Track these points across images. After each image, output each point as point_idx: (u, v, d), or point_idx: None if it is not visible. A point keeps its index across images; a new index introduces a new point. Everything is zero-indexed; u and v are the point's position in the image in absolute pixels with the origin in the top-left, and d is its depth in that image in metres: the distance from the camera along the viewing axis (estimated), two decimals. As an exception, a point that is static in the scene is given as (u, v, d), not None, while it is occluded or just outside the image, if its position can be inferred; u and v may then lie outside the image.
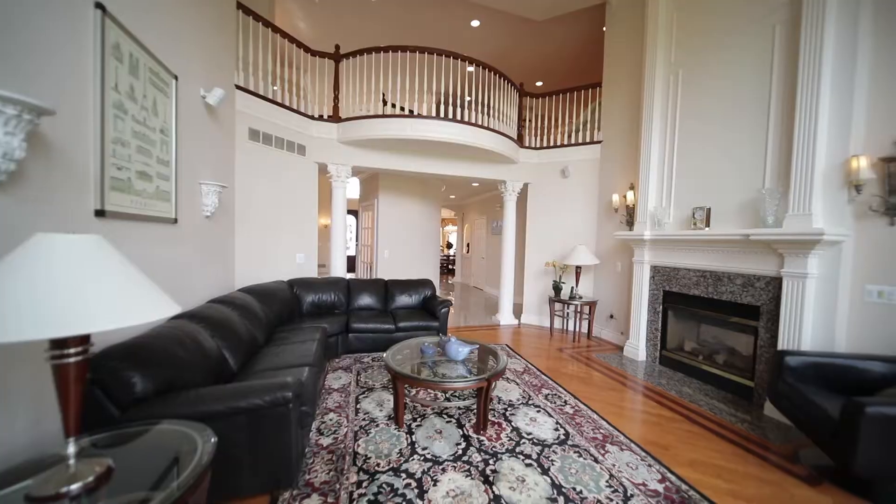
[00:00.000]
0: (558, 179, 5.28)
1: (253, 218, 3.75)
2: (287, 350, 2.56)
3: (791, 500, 1.79)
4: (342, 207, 4.57)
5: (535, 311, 5.54)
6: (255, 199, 3.76)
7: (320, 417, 2.42)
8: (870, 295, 2.35)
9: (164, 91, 2.24)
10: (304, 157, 4.25)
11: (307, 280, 4.03)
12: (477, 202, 9.88)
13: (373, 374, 3.23)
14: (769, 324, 2.73)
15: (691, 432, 2.43)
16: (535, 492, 1.76)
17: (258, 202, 3.80)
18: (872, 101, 2.37)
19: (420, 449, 2.08)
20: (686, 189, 3.50)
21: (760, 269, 2.79)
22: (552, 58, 6.53)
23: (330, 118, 4.41)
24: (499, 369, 2.34)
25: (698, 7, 3.41)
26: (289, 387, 1.58)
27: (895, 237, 2.25)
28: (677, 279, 3.53)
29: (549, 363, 3.75)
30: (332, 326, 3.48)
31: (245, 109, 3.60)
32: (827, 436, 1.83)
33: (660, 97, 3.74)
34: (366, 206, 7.15)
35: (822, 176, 2.42)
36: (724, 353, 3.29)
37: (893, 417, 1.64)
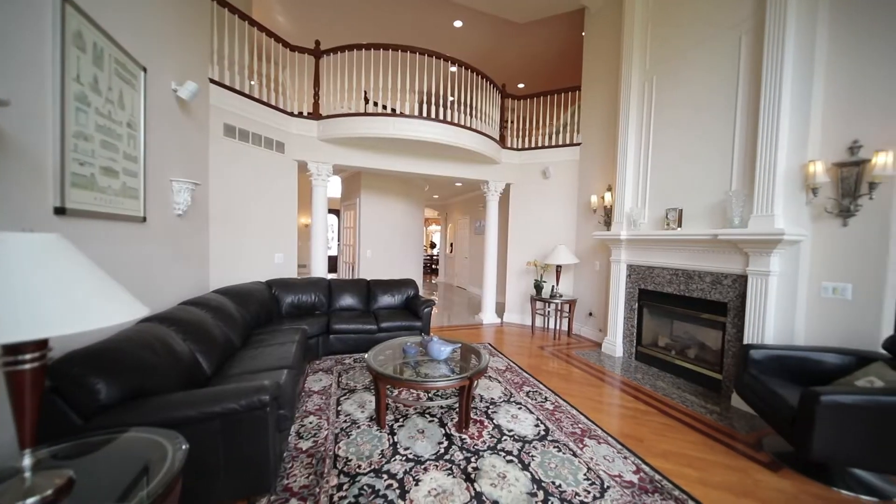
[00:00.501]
0: (539, 180, 5.37)
1: (229, 217, 3.63)
2: (265, 352, 2.49)
3: (755, 486, 1.89)
4: (323, 206, 4.49)
5: (518, 309, 5.61)
6: (231, 198, 3.64)
7: (300, 421, 2.37)
8: (825, 291, 2.52)
9: (132, 83, 2.14)
10: (282, 154, 4.15)
11: (286, 280, 3.93)
12: (460, 202, 9.92)
13: (354, 375, 3.19)
14: (736, 319, 2.88)
15: (664, 424, 2.53)
16: (515, 487, 1.79)
17: (234, 200, 3.68)
18: (827, 109, 2.54)
19: (402, 449, 2.07)
20: (660, 191, 3.64)
21: (728, 268, 2.94)
22: (534, 60, 6.64)
23: (310, 115, 4.33)
24: (480, 368, 2.36)
25: (670, 16, 3.55)
26: (266, 390, 1.54)
27: (847, 237, 2.42)
28: (652, 277, 3.66)
29: (530, 361, 3.81)
30: (312, 328, 3.41)
31: (220, 104, 3.48)
32: (787, 423, 1.95)
33: (635, 102, 3.87)
34: (347, 206, 7.05)
35: (783, 179, 2.57)
36: (695, 348, 3.43)
37: (845, 405, 1.76)
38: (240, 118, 3.67)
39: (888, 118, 2.27)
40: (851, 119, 2.42)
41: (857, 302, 2.38)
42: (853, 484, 1.89)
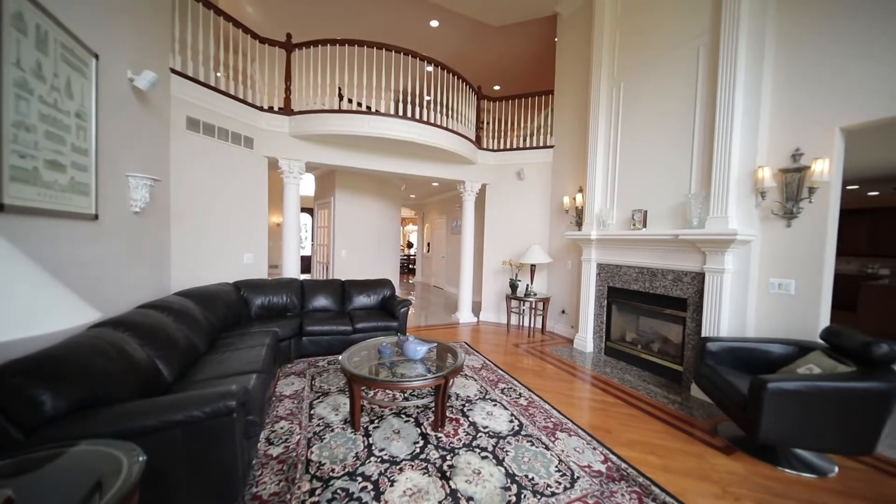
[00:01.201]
0: (514, 181, 5.48)
1: (193, 215, 3.45)
2: (232, 357, 2.39)
3: (711, 469, 2.03)
4: (295, 205, 4.36)
5: (494, 308, 5.70)
6: (194, 195, 3.46)
7: (270, 426, 2.29)
8: (772, 287, 2.74)
9: (82, 71, 1.98)
10: (251, 150, 3.99)
11: (256, 282, 3.79)
12: (437, 202, 9.93)
13: (328, 377, 3.13)
14: (695, 314, 3.07)
15: (631, 415, 2.66)
16: (489, 482, 1.82)
17: (199, 198, 3.50)
18: (774, 120, 2.76)
19: (377, 451, 2.05)
20: (627, 192, 3.81)
21: (688, 266, 3.13)
22: (509, 63, 6.76)
23: (281, 110, 4.19)
24: (456, 366, 2.38)
25: (636, 27, 3.72)
26: (232, 395, 1.48)
27: (790, 237, 2.64)
28: (620, 275, 3.83)
29: (505, 358, 3.88)
30: (283, 330, 3.31)
31: (183, 96, 3.30)
32: (739, 410, 2.11)
33: (604, 108, 4.03)
34: (321, 204, 6.88)
35: (736, 183, 2.77)
36: (658, 342, 3.63)
37: (788, 391, 1.92)
38: (205, 111, 3.49)
39: (824, 130, 2.50)
40: (794, 129, 2.65)
41: (799, 296, 2.61)
42: (796, 463, 2.07)
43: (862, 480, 1.97)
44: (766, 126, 2.80)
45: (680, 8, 3.27)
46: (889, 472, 2.06)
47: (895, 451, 2.26)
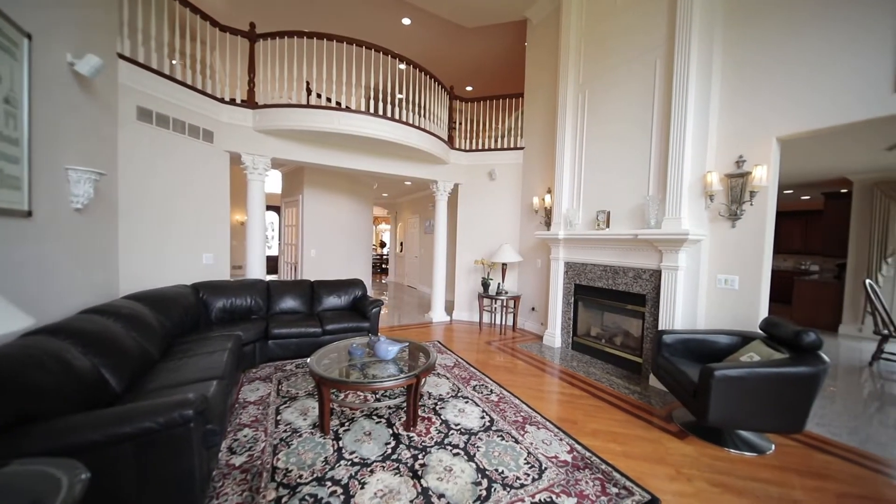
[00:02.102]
0: (486, 181, 5.56)
1: (145, 212, 3.21)
2: (190, 363, 2.25)
3: (666, 453, 2.18)
4: (260, 203, 4.18)
5: (466, 307, 5.76)
6: (147, 190, 3.22)
7: (232, 435, 2.19)
8: (720, 282, 2.97)
9: (11, 52, 1.79)
10: (211, 144, 3.77)
11: (217, 283, 3.59)
12: (410, 201, 9.88)
13: (296, 382, 3.03)
14: (653, 309, 3.27)
15: (595, 406, 2.79)
16: (461, 478, 1.84)
17: (151, 194, 3.26)
18: (721, 128, 3.00)
19: (347, 454, 2.02)
20: (592, 194, 3.99)
21: (646, 264, 3.32)
22: (481, 65, 6.84)
23: (244, 103, 3.99)
24: (428, 365, 2.38)
25: (600, 37, 3.90)
26: (189, 404, 1.40)
27: (735, 236, 2.88)
28: (585, 273, 4.00)
29: (477, 356, 3.94)
30: (247, 333, 3.16)
31: (133, 84, 3.06)
32: (690, 396, 2.27)
33: (570, 113, 4.19)
34: (289, 202, 6.63)
35: (688, 187, 2.98)
36: (621, 336, 3.83)
37: (732, 377, 2.10)
38: (158, 101, 3.26)
39: (763, 139, 2.75)
40: (738, 138, 2.89)
41: (742, 291, 2.85)
42: (739, 443, 2.27)
43: (794, 456, 2.20)
44: (714, 135, 3.03)
45: (639, 22, 3.46)
46: (816, 446, 2.31)
47: (821, 429, 2.53)
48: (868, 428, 2.56)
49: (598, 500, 1.73)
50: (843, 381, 3.50)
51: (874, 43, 2.25)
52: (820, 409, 2.81)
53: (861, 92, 2.30)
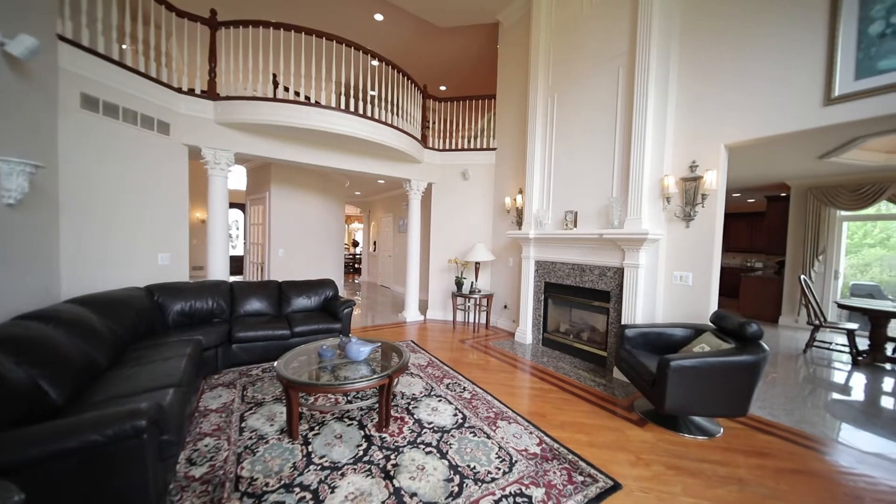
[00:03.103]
0: (459, 181, 5.60)
1: (91, 209, 2.96)
2: (144, 371, 2.11)
3: (627, 441, 2.30)
4: (223, 200, 3.96)
5: (440, 306, 5.77)
6: (93, 185, 2.97)
7: (192, 445, 2.07)
8: (675, 279, 3.18)
9: (-75, 26, 1.59)
10: (167, 136, 3.53)
11: (174, 285, 3.37)
12: (383, 199, 9.75)
13: (263, 387, 2.91)
14: (616, 305, 3.44)
15: (563, 399, 2.90)
16: (433, 476, 1.85)
17: (99, 189, 3.01)
18: (677, 135, 3.20)
19: (317, 458, 1.97)
20: (561, 194, 4.13)
21: (610, 262, 3.49)
22: (455, 64, 6.87)
23: (205, 94, 3.77)
24: (400, 365, 2.37)
25: (567, 43, 4.04)
26: (141, 414, 1.31)
27: (689, 236, 3.09)
28: (555, 271, 4.14)
29: (451, 354, 3.96)
30: (209, 338, 3.00)
31: (76, 69, 2.81)
32: (649, 386, 2.41)
33: (540, 115, 4.31)
34: (255, 200, 6.34)
35: (648, 189, 3.16)
36: (587, 331, 4.00)
37: (686, 367, 2.25)
38: (105, 89, 3.01)
39: (713, 146, 2.97)
40: (692, 145, 3.10)
41: (695, 286, 3.06)
42: (693, 428, 2.44)
43: (740, 437, 2.39)
44: (670, 140, 3.23)
45: (603, 31, 3.62)
46: (758, 428, 2.53)
47: (763, 411, 2.78)
48: (802, 409, 2.84)
49: (565, 488, 1.80)
50: (782, 367, 3.85)
51: (807, 62, 2.49)
52: (762, 394, 3.08)
53: (795, 106, 2.54)
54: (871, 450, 2.30)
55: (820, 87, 2.43)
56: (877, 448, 2.32)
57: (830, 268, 5.53)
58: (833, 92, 2.37)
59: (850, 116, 2.31)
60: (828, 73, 2.39)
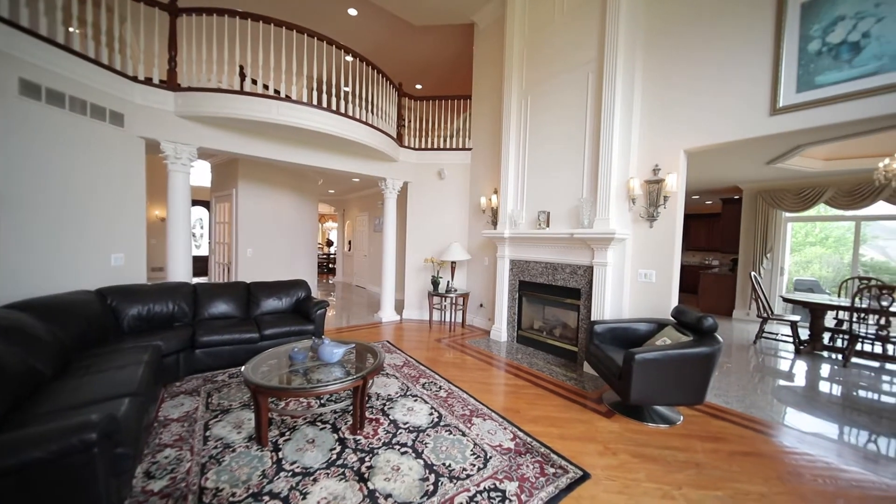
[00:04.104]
0: (435, 180, 5.60)
1: (34, 205, 2.71)
2: (96, 380, 1.96)
3: (596, 431, 2.40)
4: (184, 197, 3.75)
5: (416, 305, 5.76)
6: (36, 179, 2.72)
7: (150, 458, 1.95)
8: (640, 276, 3.34)
9: None
10: (121, 128, 3.29)
11: (130, 288, 3.16)
12: (358, 198, 9.58)
13: (230, 393, 2.78)
14: (586, 301, 3.57)
15: (536, 394, 2.97)
16: (409, 476, 1.85)
17: (43, 183, 2.76)
18: (641, 140, 3.36)
19: (288, 464, 1.91)
20: (535, 195, 4.22)
21: (581, 260, 3.62)
22: (431, 63, 6.86)
23: (164, 84, 3.54)
24: (375, 366, 2.35)
25: (541, 47, 4.14)
26: (91, 427, 1.22)
27: (652, 235, 3.26)
28: (529, 270, 4.23)
29: (427, 354, 3.96)
30: (169, 343, 2.83)
31: (14, 52, 2.56)
32: (616, 379, 2.53)
33: (514, 117, 4.39)
34: (221, 197, 6.04)
35: (615, 190, 3.30)
36: (560, 328, 4.12)
37: (650, 359, 2.38)
38: (49, 74, 2.76)
39: (673, 151, 3.14)
40: (655, 149, 3.27)
41: (658, 283, 3.23)
42: (655, 417, 2.58)
43: (697, 424, 2.56)
44: (636, 144, 3.39)
45: (574, 37, 3.74)
46: (714, 414, 2.71)
47: (718, 399, 2.98)
48: (752, 396, 3.08)
49: (538, 481, 1.86)
50: (735, 357, 4.15)
51: (756, 75, 2.69)
52: (717, 383, 3.30)
53: (745, 115, 2.74)
54: (811, 430, 2.52)
55: (767, 98, 2.63)
56: (815, 428, 2.55)
57: (777, 265, 6.01)
58: (778, 103, 2.57)
59: (792, 126, 2.53)
60: (773, 85, 2.59)
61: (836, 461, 2.15)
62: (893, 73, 2.15)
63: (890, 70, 2.16)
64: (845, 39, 2.32)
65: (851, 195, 5.11)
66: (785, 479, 1.96)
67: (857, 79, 2.27)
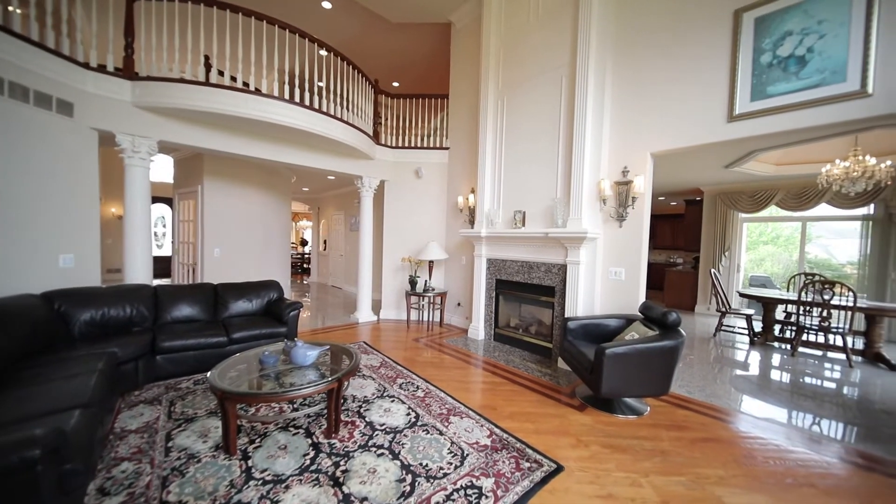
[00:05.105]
0: (413, 179, 5.57)
1: (-37, 202, 2.45)
2: (42, 392, 1.80)
3: (569, 425, 2.47)
4: (144, 193, 3.51)
5: (394, 305, 5.70)
6: (-33, 173, 2.46)
7: (104, 473, 1.82)
8: (611, 274, 3.47)
9: None
10: (69, 118, 3.04)
11: (81, 291, 2.93)
12: (334, 196, 9.36)
13: (195, 400, 2.64)
14: (560, 299, 3.67)
15: (513, 391, 3.02)
16: (385, 478, 1.83)
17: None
18: (611, 142, 3.49)
19: (258, 472, 1.84)
20: (511, 194, 4.28)
21: (555, 259, 3.71)
22: (408, 61, 6.80)
23: (120, 72, 3.30)
24: (350, 368, 2.30)
25: (516, 49, 4.20)
26: (34, 443, 1.12)
27: (622, 235, 3.39)
28: (505, 269, 4.29)
29: (405, 354, 3.93)
30: (127, 350, 2.65)
31: (-62, 31, 2.30)
32: (588, 373, 2.61)
33: (491, 117, 4.44)
34: (185, 194, 5.72)
35: (587, 191, 3.40)
36: (535, 325, 4.21)
37: (620, 354, 2.47)
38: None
39: (641, 154, 3.28)
40: (624, 152, 3.40)
41: (627, 281, 3.37)
42: (625, 409, 2.68)
43: (663, 414, 2.69)
44: (606, 147, 3.52)
45: (548, 40, 3.82)
46: (678, 404, 2.86)
47: (682, 389, 3.14)
48: (712, 385, 3.27)
49: (513, 475, 1.89)
50: (697, 349, 4.40)
51: (715, 82, 2.85)
52: (681, 374, 3.49)
53: (706, 120, 2.90)
54: (763, 415, 2.72)
55: (725, 105, 2.80)
56: (767, 414, 2.75)
57: (734, 262, 6.43)
58: (735, 110, 2.74)
59: (747, 132, 2.70)
60: (731, 94, 2.76)
61: (785, 443, 2.32)
62: (834, 86, 2.35)
63: (831, 83, 2.36)
64: (793, 53, 2.51)
65: (799, 198, 5.55)
66: (740, 462, 2.10)
67: (803, 90, 2.46)
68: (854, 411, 2.83)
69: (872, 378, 3.58)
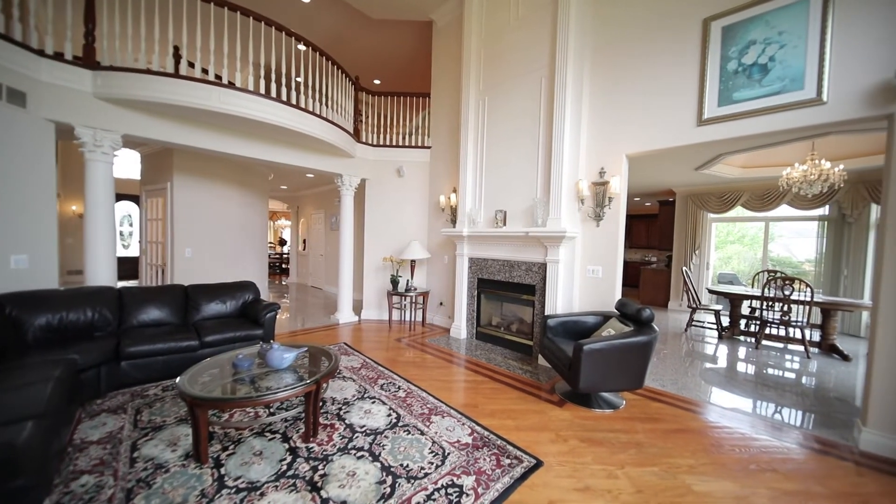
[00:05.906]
0: (394, 178, 5.52)
1: None
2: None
3: (549, 420, 2.51)
4: (107, 190, 3.31)
5: (375, 305, 5.63)
6: None
7: (62, 487, 1.70)
8: (589, 272, 3.56)
9: None
10: (21, 109, 2.83)
11: (35, 294, 2.73)
12: (313, 195, 9.16)
13: (163, 408, 2.52)
14: (540, 297, 3.73)
15: (494, 389, 3.05)
16: (365, 481, 1.80)
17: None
18: (589, 143, 3.57)
19: (231, 480, 1.77)
20: (492, 194, 4.32)
21: (535, 258, 3.76)
22: (389, 58, 6.72)
23: (79, 61, 3.10)
24: (328, 370, 2.26)
25: (497, 49, 4.22)
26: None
27: (599, 234, 3.48)
28: (487, 268, 4.32)
29: (386, 354, 3.89)
30: (88, 356, 2.49)
31: None
32: (567, 369, 2.66)
33: (472, 117, 4.45)
34: (153, 191, 5.45)
35: (566, 191, 3.47)
36: (517, 323, 4.26)
37: (596, 349, 2.53)
38: (-81, 40, 2.29)
39: (617, 155, 3.37)
40: (601, 153, 3.49)
41: (604, 278, 3.46)
42: (602, 404, 2.76)
43: (638, 407, 2.78)
44: (584, 148, 3.60)
45: (528, 42, 3.86)
46: (652, 397, 2.96)
47: (655, 383, 3.26)
48: (684, 378, 3.41)
49: (494, 472, 1.90)
50: (670, 344, 4.57)
51: (686, 87, 2.97)
52: (655, 368, 3.62)
53: (677, 124, 3.01)
54: (730, 406, 2.85)
55: (695, 110, 2.92)
56: (734, 404, 2.89)
57: (704, 260, 6.73)
58: (703, 115, 2.86)
59: (715, 136, 2.83)
60: (700, 99, 2.88)
61: (750, 431, 2.45)
62: (793, 94, 2.49)
63: (790, 90, 2.50)
64: (756, 61, 2.64)
65: (762, 199, 5.86)
66: (709, 451, 2.20)
67: (766, 97, 2.59)
68: (811, 399, 3.02)
69: (827, 368, 3.83)
